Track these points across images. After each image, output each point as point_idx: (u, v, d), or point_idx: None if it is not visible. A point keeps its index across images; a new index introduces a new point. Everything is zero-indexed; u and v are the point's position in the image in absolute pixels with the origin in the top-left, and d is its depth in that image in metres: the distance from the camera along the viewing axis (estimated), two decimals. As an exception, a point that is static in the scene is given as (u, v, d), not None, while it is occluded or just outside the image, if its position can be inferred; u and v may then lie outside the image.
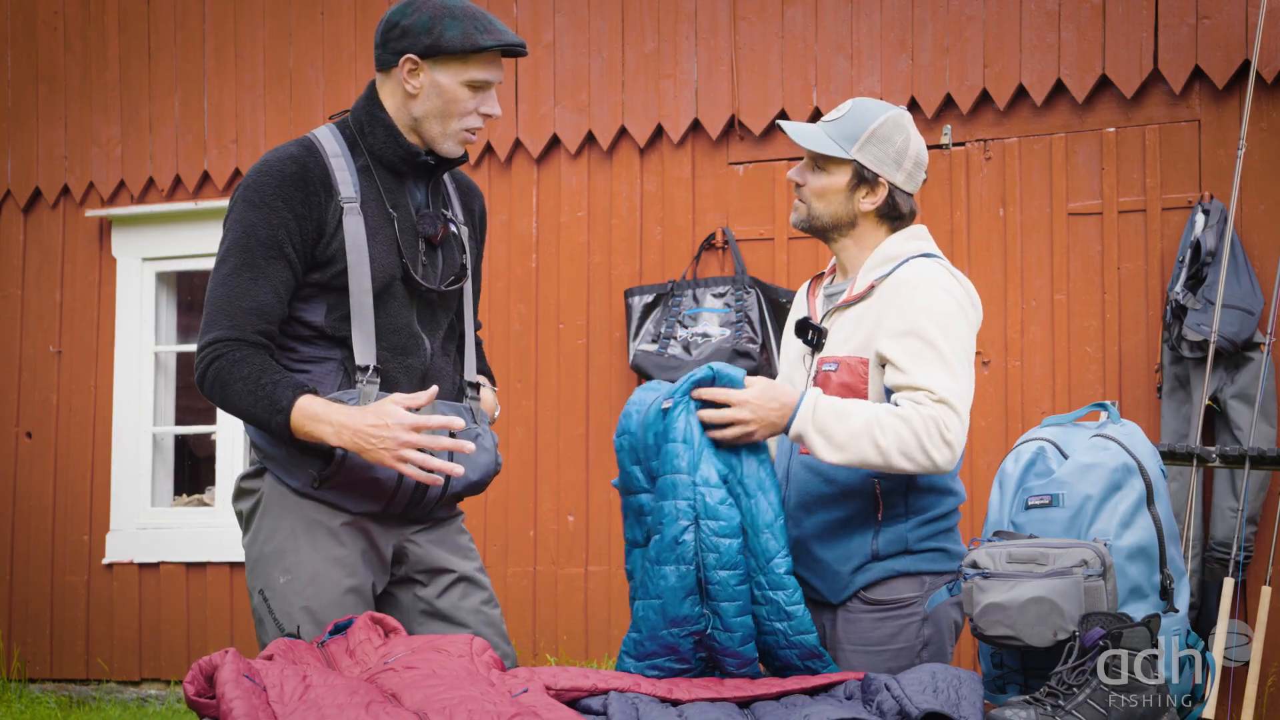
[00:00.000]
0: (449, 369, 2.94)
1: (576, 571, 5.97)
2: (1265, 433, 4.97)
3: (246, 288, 2.73)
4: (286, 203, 2.74)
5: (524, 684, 2.40)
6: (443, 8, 2.79)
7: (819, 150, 2.84)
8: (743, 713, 2.46)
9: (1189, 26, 5.28)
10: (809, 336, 2.88)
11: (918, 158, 2.90)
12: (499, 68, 2.84)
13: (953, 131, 5.60)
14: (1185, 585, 2.69)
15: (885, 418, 2.65)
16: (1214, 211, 5.09)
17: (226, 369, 2.71)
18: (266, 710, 2.18)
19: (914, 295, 2.73)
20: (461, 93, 2.80)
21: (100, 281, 6.83)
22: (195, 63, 6.69)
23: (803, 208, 2.89)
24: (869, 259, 2.85)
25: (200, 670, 2.31)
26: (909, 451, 2.64)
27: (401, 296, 2.83)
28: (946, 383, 2.67)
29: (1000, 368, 5.47)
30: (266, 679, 2.26)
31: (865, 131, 2.83)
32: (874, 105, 2.89)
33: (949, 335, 2.71)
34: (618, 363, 5.98)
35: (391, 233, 2.82)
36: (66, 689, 6.69)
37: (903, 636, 2.79)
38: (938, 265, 2.81)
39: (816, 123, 2.91)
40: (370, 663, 2.49)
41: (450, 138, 2.84)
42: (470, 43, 2.77)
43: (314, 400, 2.68)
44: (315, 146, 2.82)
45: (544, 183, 6.18)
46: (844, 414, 2.67)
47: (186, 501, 6.77)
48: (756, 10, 5.87)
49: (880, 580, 2.81)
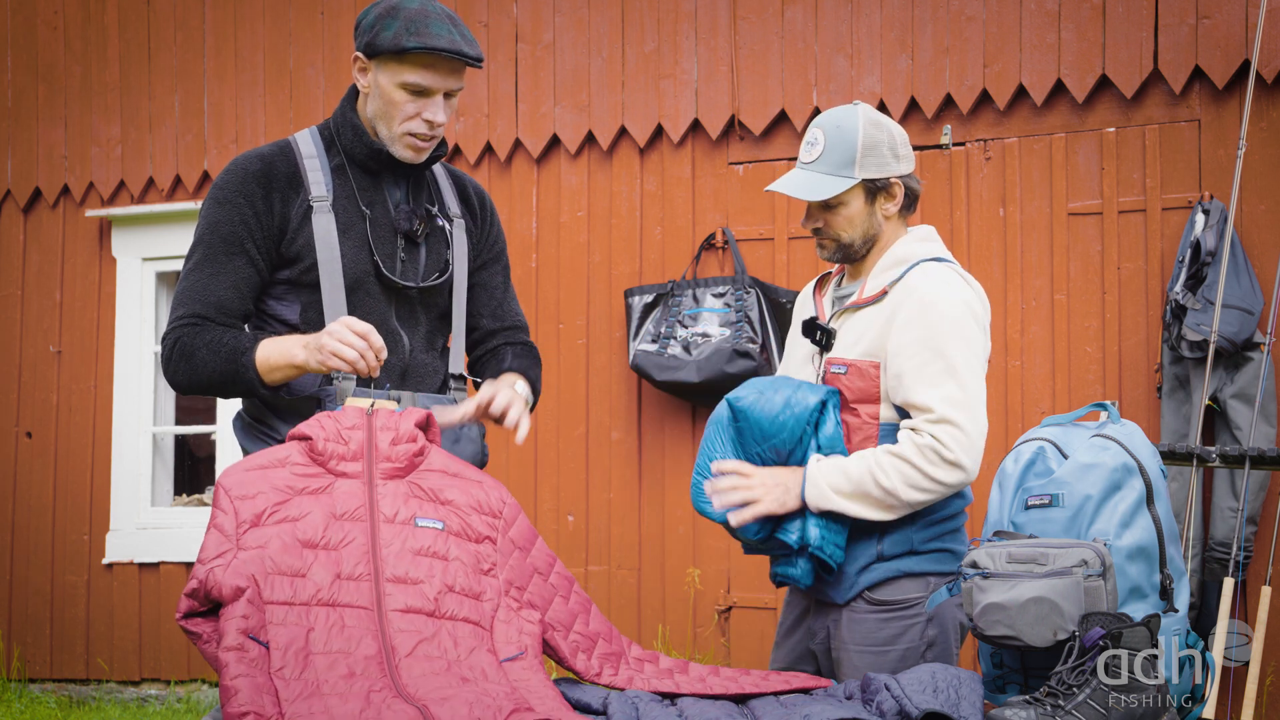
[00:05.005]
0: (434, 363, 2.93)
1: (576, 571, 5.96)
2: (1265, 433, 4.97)
3: (207, 282, 2.77)
4: (248, 199, 2.77)
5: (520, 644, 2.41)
6: (393, 8, 2.75)
7: (826, 197, 2.80)
8: (741, 711, 2.46)
9: (1189, 26, 5.28)
10: (817, 337, 2.88)
11: (903, 137, 2.89)
12: (441, 74, 2.75)
13: (953, 131, 5.60)
14: (1185, 585, 2.68)
15: (882, 459, 2.72)
16: (1214, 211, 5.09)
17: (188, 340, 2.74)
18: (271, 694, 2.17)
19: (925, 301, 2.75)
20: (398, 95, 2.76)
21: (100, 281, 6.83)
22: (195, 63, 6.69)
23: (830, 244, 2.87)
24: (880, 261, 2.86)
25: (201, 586, 2.30)
26: (916, 484, 2.71)
27: (376, 293, 2.83)
28: (950, 394, 2.70)
29: (1000, 368, 5.47)
30: (271, 634, 2.25)
31: (856, 149, 2.81)
32: (843, 120, 2.84)
33: (959, 341, 2.73)
34: (618, 363, 5.98)
35: (363, 230, 2.82)
36: (66, 689, 6.69)
37: (907, 637, 2.81)
38: (949, 270, 2.81)
39: (799, 170, 2.85)
40: (397, 456, 2.53)
41: (396, 141, 2.80)
42: (397, 44, 2.72)
43: (275, 336, 2.73)
44: (289, 147, 2.85)
45: (544, 183, 6.18)
46: (844, 469, 2.74)
47: (186, 501, 6.77)
48: (756, 10, 5.87)
49: (885, 580, 2.83)
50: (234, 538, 2.37)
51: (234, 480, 2.45)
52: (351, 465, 2.52)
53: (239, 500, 2.42)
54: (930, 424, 2.70)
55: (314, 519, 2.43)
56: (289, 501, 2.44)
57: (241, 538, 2.37)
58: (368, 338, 2.61)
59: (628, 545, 5.94)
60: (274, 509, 2.42)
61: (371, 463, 2.53)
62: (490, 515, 2.56)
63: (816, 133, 2.84)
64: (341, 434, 2.54)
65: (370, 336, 2.61)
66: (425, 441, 2.60)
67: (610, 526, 5.96)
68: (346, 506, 2.46)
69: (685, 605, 5.80)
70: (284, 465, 2.49)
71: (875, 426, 2.80)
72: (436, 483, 2.56)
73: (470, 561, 2.47)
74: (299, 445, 2.53)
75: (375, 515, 2.46)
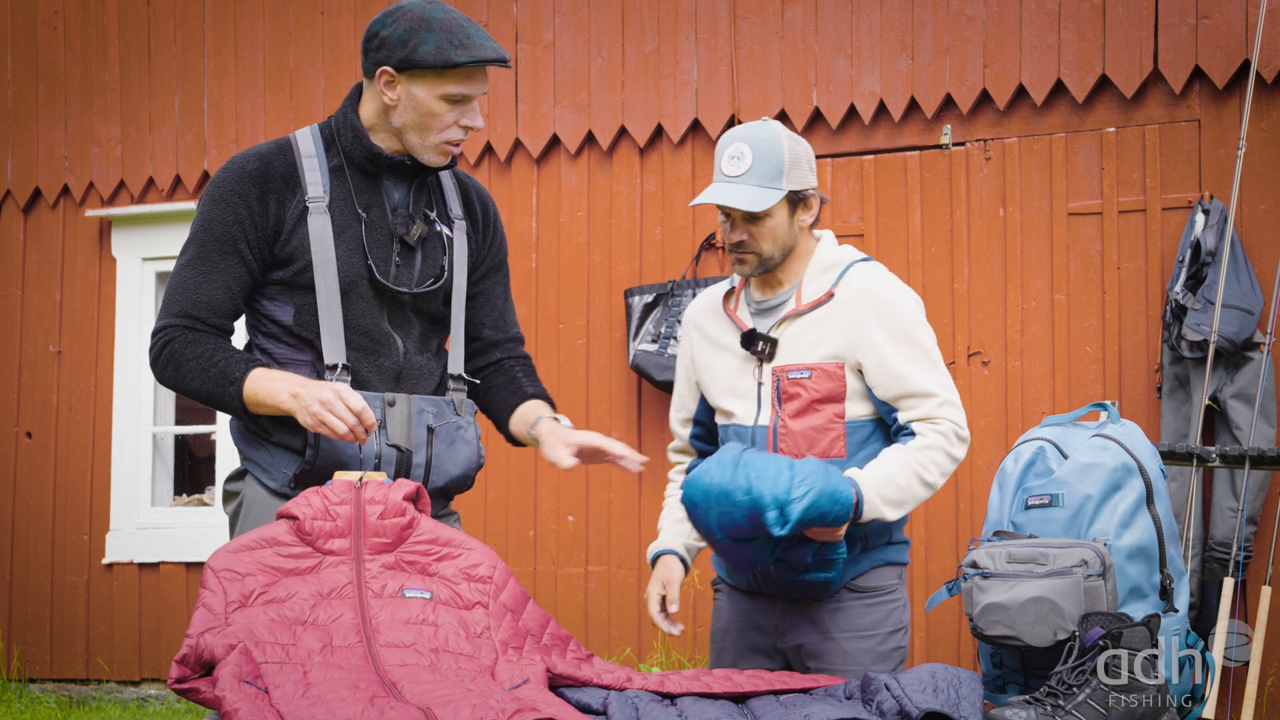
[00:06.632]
0: (430, 364, 2.93)
1: (576, 571, 5.97)
2: (1265, 433, 4.97)
3: (199, 281, 2.77)
4: (243, 199, 2.76)
5: (524, 674, 2.41)
6: (421, 20, 2.76)
7: (766, 207, 2.82)
8: (741, 711, 2.46)
9: (1189, 26, 5.28)
10: (759, 348, 2.90)
11: (809, 151, 2.94)
12: (479, 81, 2.80)
13: (953, 131, 5.60)
14: (1185, 585, 2.69)
15: (919, 455, 2.79)
16: (1214, 211, 5.09)
17: (179, 349, 2.74)
18: (272, 711, 2.18)
19: (886, 299, 2.86)
20: (438, 106, 2.77)
21: (100, 281, 6.83)
22: (195, 63, 6.69)
23: (752, 258, 2.89)
24: (810, 268, 2.92)
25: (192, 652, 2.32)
26: (945, 469, 2.82)
27: (369, 297, 2.82)
28: (940, 379, 2.84)
29: (1000, 368, 5.47)
30: (269, 680, 2.26)
31: (784, 162, 2.85)
32: (765, 134, 2.87)
33: (924, 331, 2.88)
34: (618, 363, 5.98)
35: (358, 232, 2.81)
36: (66, 689, 6.69)
37: (890, 620, 2.92)
38: (883, 269, 2.94)
39: (726, 183, 2.86)
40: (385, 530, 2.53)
41: (430, 150, 2.82)
42: (444, 58, 2.73)
43: (266, 369, 2.73)
44: (288, 145, 2.84)
45: (544, 183, 6.18)
46: (891, 478, 2.76)
47: (186, 501, 6.77)
48: (756, 10, 5.87)
49: (868, 570, 2.91)
50: (223, 616, 2.39)
51: (222, 561, 2.47)
52: (339, 542, 2.53)
53: (228, 581, 2.43)
54: (940, 408, 2.81)
55: (301, 599, 2.45)
56: (277, 583, 2.46)
57: (230, 616, 2.39)
58: (361, 416, 2.62)
59: (628, 545, 5.94)
60: (262, 590, 2.44)
61: (359, 538, 2.54)
62: (480, 581, 2.57)
63: (740, 147, 2.86)
64: (329, 510, 2.55)
65: (364, 415, 2.62)
66: (415, 513, 2.60)
67: (610, 526, 5.96)
68: (334, 584, 2.48)
69: (685, 605, 5.80)
70: (271, 545, 2.51)
71: (842, 425, 2.86)
72: (425, 553, 2.57)
73: (461, 628, 2.48)
74: (287, 525, 2.54)
75: (363, 592, 2.49)
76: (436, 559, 2.57)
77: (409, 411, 2.81)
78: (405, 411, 2.81)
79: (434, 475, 2.84)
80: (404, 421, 2.80)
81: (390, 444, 2.77)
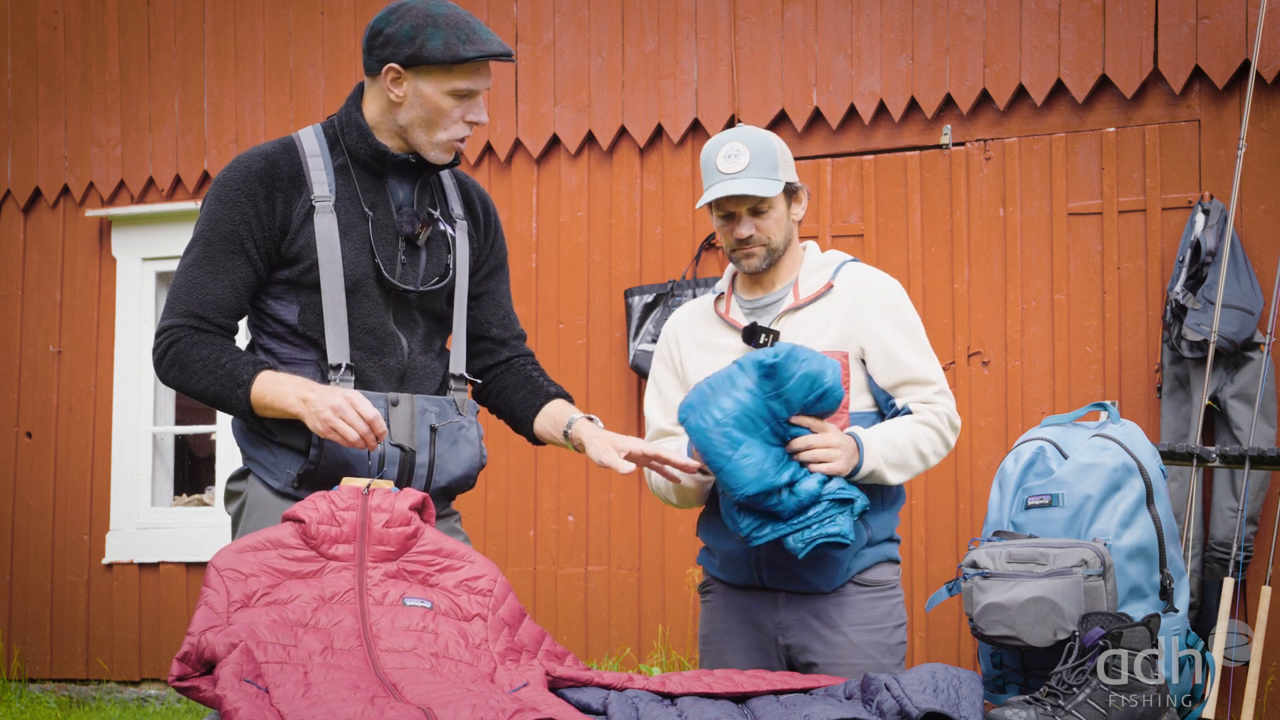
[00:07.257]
0: (433, 364, 2.93)
1: (576, 571, 5.97)
2: (1265, 433, 4.97)
3: (205, 280, 2.76)
4: (249, 198, 2.76)
5: (524, 678, 2.42)
6: (426, 16, 2.77)
7: (776, 191, 2.90)
8: (741, 711, 2.46)
9: (1189, 26, 5.28)
10: (762, 340, 2.94)
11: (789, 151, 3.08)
12: (485, 76, 2.81)
13: (953, 131, 5.60)
14: (1185, 585, 2.69)
15: (916, 428, 2.88)
16: (1214, 211, 5.09)
17: (185, 350, 2.74)
18: (272, 711, 2.19)
19: (885, 293, 2.96)
20: (446, 102, 2.78)
21: (100, 281, 6.83)
22: (195, 63, 6.69)
23: (761, 250, 2.96)
24: (803, 266, 3.01)
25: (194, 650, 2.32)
26: (938, 450, 2.92)
27: (375, 296, 2.83)
28: (936, 369, 2.96)
29: (1000, 368, 5.47)
30: (269, 680, 2.26)
31: (779, 155, 2.94)
32: (754, 134, 2.96)
33: (919, 325, 3.00)
34: (618, 363, 5.98)
35: (365, 231, 2.82)
36: (66, 689, 6.69)
37: (895, 614, 2.97)
38: (878, 270, 3.06)
39: (728, 179, 2.91)
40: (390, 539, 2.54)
41: (437, 146, 2.83)
42: (452, 53, 2.74)
43: (273, 372, 2.73)
44: (293, 144, 2.85)
45: (544, 183, 6.19)
46: (891, 440, 2.85)
47: (186, 501, 6.77)
48: (756, 10, 5.87)
49: (871, 565, 2.95)
50: (224, 615, 2.40)
51: (226, 560, 2.48)
52: (343, 548, 2.54)
53: (231, 580, 2.44)
54: (938, 395, 2.92)
55: (303, 602, 2.46)
56: (280, 585, 2.47)
57: (231, 616, 2.40)
58: (373, 424, 2.63)
59: (628, 545, 5.94)
60: (265, 591, 2.45)
61: (364, 545, 2.55)
62: (480, 594, 2.58)
63: (735, 145, 2.92)
64: (336, 515, 2.56)
65: (375, 423, 2.63)
66: (420, 523, 2.61)
67: (610, 526, 5.96)
68: (336, 589, 2.49)
69: (685, 605, 5.79)
70: (276, 547, 2.51)
71: (846, 417, 2.90)
72: (427, 564, 2.58)
73: (460, 637, 2.50)
74: (292, 527, 2.55)
75: (365, 599, 2.49)
76: (439, 570, 2.58)
77: (412, 411, 2.81)
78: (408, 411, 2.81)
79: (437, 475, 2.84)
80: (407, 421, 2.81)
81: (393, 443, 2.78)
